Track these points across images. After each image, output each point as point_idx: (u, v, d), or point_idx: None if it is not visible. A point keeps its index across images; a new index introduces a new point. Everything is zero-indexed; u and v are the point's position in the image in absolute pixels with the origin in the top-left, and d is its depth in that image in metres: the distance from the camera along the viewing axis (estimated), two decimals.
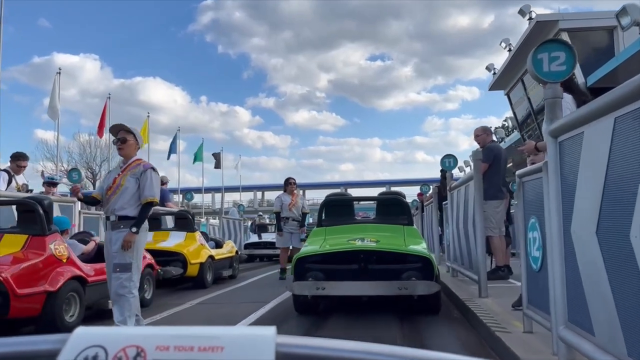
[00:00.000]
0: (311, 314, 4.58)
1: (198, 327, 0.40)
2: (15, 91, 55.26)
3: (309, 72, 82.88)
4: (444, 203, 6.58)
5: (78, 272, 4.12)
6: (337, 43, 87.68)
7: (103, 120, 16.98)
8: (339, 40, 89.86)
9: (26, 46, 59.95)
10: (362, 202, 8.77)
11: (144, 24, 75.09)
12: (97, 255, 4.79)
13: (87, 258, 4.66)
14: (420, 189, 13.04)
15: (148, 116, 19.10)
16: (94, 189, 40.80)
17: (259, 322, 4.39)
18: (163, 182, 9.00)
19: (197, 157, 25.48)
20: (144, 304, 5.02)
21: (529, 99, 17.36)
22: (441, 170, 8.61)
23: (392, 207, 5.56)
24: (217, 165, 28.06)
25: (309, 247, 4.71)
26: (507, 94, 19.13)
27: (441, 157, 7.80)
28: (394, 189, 56.15)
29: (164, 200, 8.44)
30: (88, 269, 4.33)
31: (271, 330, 0.39)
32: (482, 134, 5.67)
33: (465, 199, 5.25)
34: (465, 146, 77.42)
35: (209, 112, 77.22)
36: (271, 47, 79.73)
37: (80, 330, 0.39)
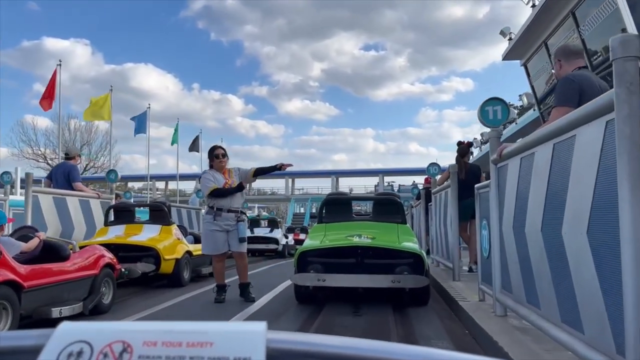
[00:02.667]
0: (308, 304, 5.17)
1: (187, 323, 0.42)
2: (3, 76, 58.47)
3: (302, 60, 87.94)
4: (476, 187, 4.71)
5: (10, 276, 3.66)
6: (330, 32, 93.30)
7: (52, 90, 15.19)
8: (333, 29, 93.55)
9: (15, 30, 63.99)
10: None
11: (135, 9, 78.13)
12: (43, 254, 4.34)
13: (30, 257, 4.20)
14: (427, 170, 10.91)
15: (111, 90, 18.55)
16: None
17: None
18: (70, 157, 7.46)
19: (174, 139, 25.65)
20: (101, 309, 4.80)
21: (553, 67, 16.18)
22: (459, 143, 7.05)
23: (387, 207, 6.38)
24: (192, 149, 28.02)
25: (311, 242, 5.55)
26: (525, 64, 16.97)
27: (480, 105, 5.35)
28: (386, 178, 57.01)
29: (70, 179, 7.13)
30: (25, 271, 3.88)
31: (262, 325, 0.42)
32: (556, 63, 3.55)
33: (564, 171, 2.42)
34: (459, 138, 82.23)
35: (202, 100, 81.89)
36: (264, 35, 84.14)
37: (65, 325, 0.41)
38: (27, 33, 72.32)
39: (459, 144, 7.11)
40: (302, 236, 17.77)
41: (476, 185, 4.81)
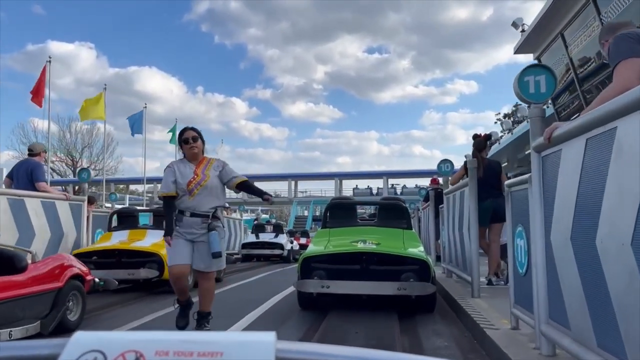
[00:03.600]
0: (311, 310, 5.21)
1: (198, 332, 0.44)
2: (9, 79, 60.65)
3: (305, 63, 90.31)
4: (507, 184, 3.88)
5: None
6: (334, 34, 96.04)
7: (41, 86, 15.44)
8: (336, 31, 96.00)
9: (20, 33, 66.18)
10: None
11: (139, 12, 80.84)
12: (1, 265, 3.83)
13: None
14: (438, 167, 9.37)
15: (105, 88, 18.70)
16: (75, 177, 42.64)
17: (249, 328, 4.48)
18: (35, 153, 6.63)
19: (172, 139, 25.57)
20: (67, 327, 4.29)
21: (571, 60, 14.07)
22: (475, 136, 6.36)
23: (392, 212, 6.41)
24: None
25: (314, 248, 5.56)
26: (538, 58, 16.06)
27: (519, 74, 4.21)
28: (390, 180, 57.87)
29: (33, 178, 6.39)
30: None
31: (271, 335, 0.44)
32: (602, 45, 2.98)
33: None
34: (463, 140, 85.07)
35: (206, 103, 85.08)
36: (268, 38, 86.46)
37: (79, 334, 0.43)
38: (32, 36, 75.78)
39: (475, 136, 6.34)
40: (302, 240, 17.95)
41: (507, 182, 3.95)
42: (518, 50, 17.00)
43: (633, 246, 1.80)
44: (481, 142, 6.19)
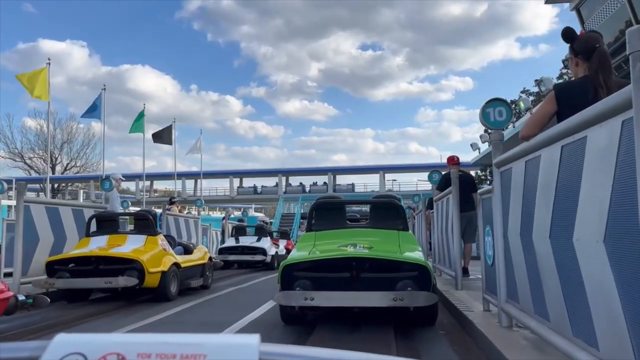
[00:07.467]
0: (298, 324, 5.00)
1: (180, 335, 0.46)
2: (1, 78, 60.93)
3: (299, 61, 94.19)
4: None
5: None
6: (328, 31, 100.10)
7: None
8: (330, 28, 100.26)
9: (10, 32, 69.64)
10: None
11: (131, 10, 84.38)
12: None
13: None
14: (484, 115, 5.89)
15: (48, 64, 17.02)
16: (53, 174, 43.74)
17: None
18: None
19: (136, 127, 24.07)
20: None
21: (629, 2, 10.96)
22: (567, 34, 3.22)
23: (386, 211, 6.02)
24: (168, 141, 27.96)
25: (297, 254, 5.12)
26: (577, 8, 13.43)
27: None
28: (387, 175, 58.40)
29: None
30: None
31: (255, 338, 0.46)
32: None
33: None
34: (458, 137, 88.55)
35: (200, 101, 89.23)
36: (261, 35, 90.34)
37: (61, 337, 0.45)
38: (23, 35, 78.23)
39: (569, 33, 3.29)
40: (281, 242, 17.27)
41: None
42: (549, 0, 14.79)
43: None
44: (591, 40, 3.24)
